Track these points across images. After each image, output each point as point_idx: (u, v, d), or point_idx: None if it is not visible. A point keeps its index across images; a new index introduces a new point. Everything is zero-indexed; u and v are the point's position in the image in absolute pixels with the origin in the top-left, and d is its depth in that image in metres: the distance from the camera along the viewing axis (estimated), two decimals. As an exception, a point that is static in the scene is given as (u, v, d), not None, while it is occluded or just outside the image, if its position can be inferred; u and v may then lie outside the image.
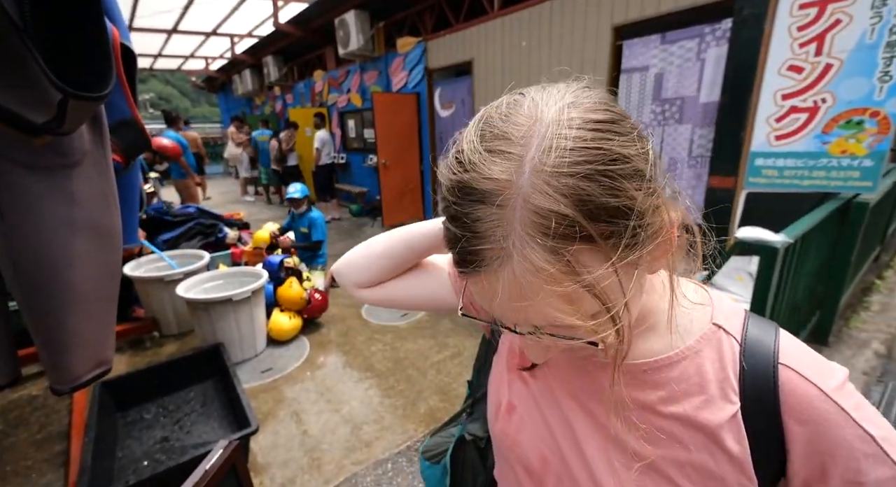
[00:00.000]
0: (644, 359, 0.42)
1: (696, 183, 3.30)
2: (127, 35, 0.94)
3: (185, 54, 10.78)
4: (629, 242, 0.30)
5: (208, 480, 0.91)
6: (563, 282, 0.29)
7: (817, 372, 0.37)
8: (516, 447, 0.51)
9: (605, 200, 0.28)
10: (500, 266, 0.30)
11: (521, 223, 0.29)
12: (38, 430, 2.21)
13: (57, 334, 0.78)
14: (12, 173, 0.71)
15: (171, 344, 3.08)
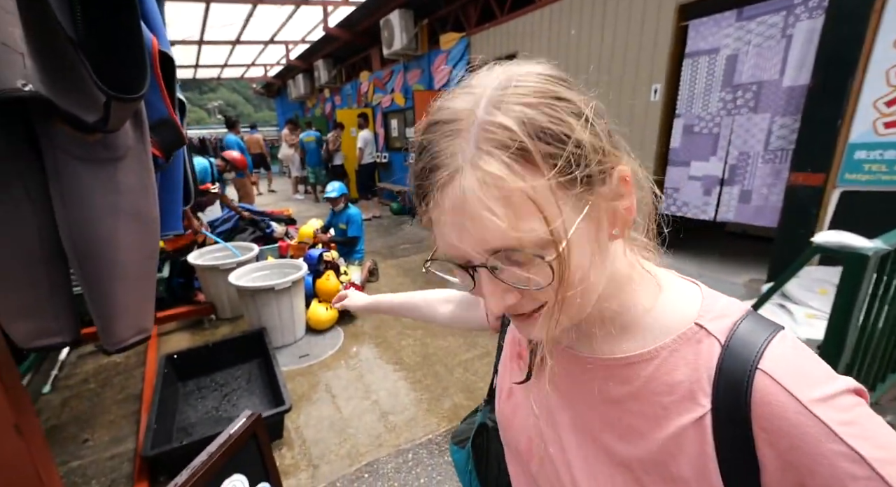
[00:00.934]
0: (618, 355, 0.42)
1: (773, 180, 2.82)
2: (166, 43, 1.09)
3: (247, 63, 11.62)
4: (568, 169, 0.32)
5: (232, 442, 1.04)
6: (505, 188, 0.31)
7: (799, 380, 0.34)
8: (510, 428, 0.55)
9: (546, 125, 0.32)
10: (452, 182, 0.32)
11: (473, 140, 0.32)
12: (119, 391, 2.57)
13: (105, 304, 0.93)
14: (70, 166, 0.86)
15: (225, 326, 3.39)
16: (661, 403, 0.39)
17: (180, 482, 0.89)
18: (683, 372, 0.38)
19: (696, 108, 3.15)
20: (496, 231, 0.32)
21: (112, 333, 0.95)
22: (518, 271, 0.34)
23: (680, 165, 3.35)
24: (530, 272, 0.34)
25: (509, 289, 0.35)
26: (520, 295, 0.36)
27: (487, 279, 0.35)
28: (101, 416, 2.35)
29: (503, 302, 0.36)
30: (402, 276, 4.39)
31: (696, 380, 0.37)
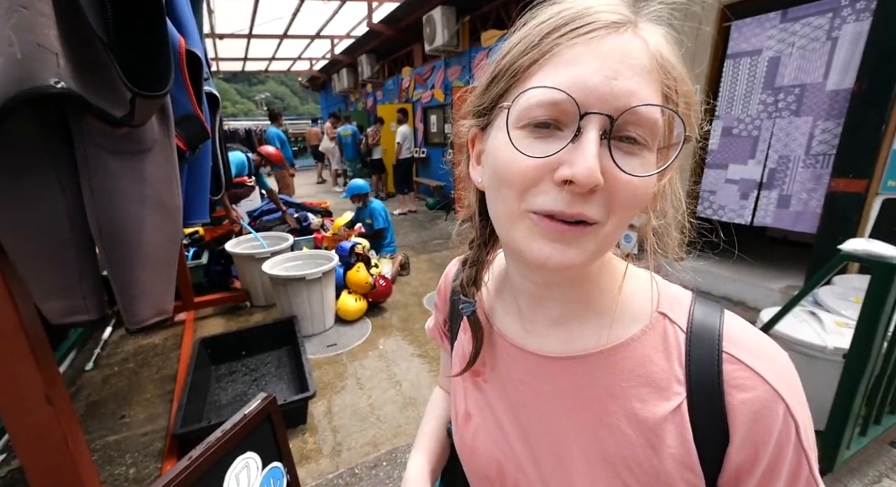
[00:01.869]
0: (591, 351, 0.41)
1: (813, 186, 2.80)
2: (195, 42, 1.14)
3: (294, 57, 12.00)
4: (684, 110, 0.36)
5: (246, 422, 1.07)
6: (674, 62, 0.34)
7: (761, 360, 0.36)
8: (474, 455, 0.51)
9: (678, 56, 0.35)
10: (620, 31, 0.32)
11: (647, 23, 0.34)
12: (156, 371, 2.70)
13: (129, 284, 0.99)
14: (99, 157, 0.93)
15: (258, 314, 3.53)
16: (638, 395, 0.39)
17: (195, 455, 0.93)
18: (656, 362, 0.39)
19: (737, 111, 3.13)
20: (646, 90, 0.32)
21: (134, 313, 1.01)
22: (621, 152, 0.33)
23: (717, 168, 3.34)
24: (632, 162, 0.33)
25: (604, 165, 0.31)
26: (603, 182, 0.31)
27: (596, 141, 0.31)
28: (138, 394, 2.48)
29: (595, 171, 0.30)
30: (432, 271, 4.42)
31: (669, 369, 0.38)
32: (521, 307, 0.47)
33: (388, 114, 8.15)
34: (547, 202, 0.33)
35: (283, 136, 7.28)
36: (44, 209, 0.90)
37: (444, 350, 0.68)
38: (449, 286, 0.62)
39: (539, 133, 0.33)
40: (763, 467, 0.35)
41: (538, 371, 0.45)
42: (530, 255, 0.35)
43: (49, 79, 0.75)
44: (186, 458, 0.91)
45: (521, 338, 0.47)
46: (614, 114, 0.31)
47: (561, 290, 0.43)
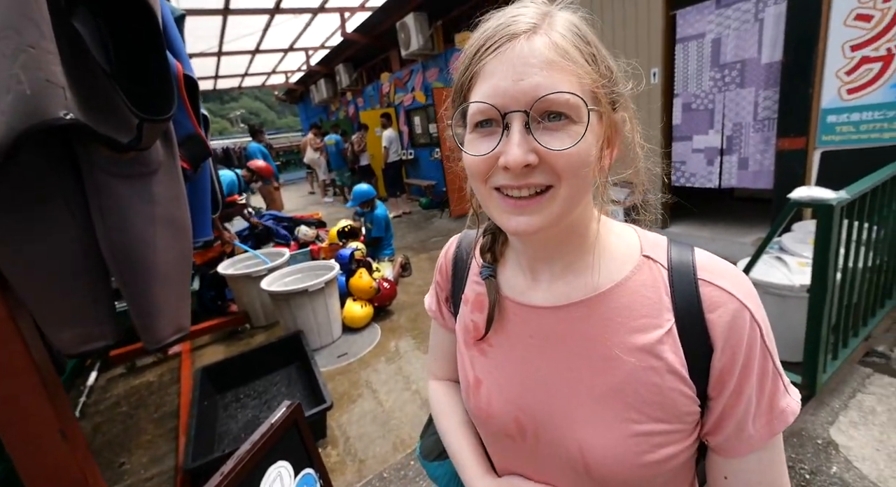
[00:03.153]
0: (590, 295, 0.47)
1: (764, 147, 3.14)
2: (189, 67, 1.18)
3: (268, 71, 11.90)
4: (603, 77, 0.42)
5: (273, 431, 1.09)
6: (570, 55, 0.40)
7: (728, 281, 0.44)
8: (491, 419, 0.54)
9: (593, 38, 0.43)
10: (521, 39, 0.39)
11: (547, 19, 0.41)
12: (154, 410, 2.56)
13: (146, 304, 1.00)
14: (108, 182, 0.94)
15: (260, 334, 3.45)
16: (635, 326, 0.45)
17: (226, 470, 0.93)
18: (647, 296, 0.46)
19: (692, 87, 3.49)
20: (550, 80, 0.38)
21: (153, 332, 1.03)
22: (547, 134, 0.39)
23: (683, 140, 3.67)
24: (557, 137, 0.39)
25: (533, 149, 0.39)
26: (537, 161, 0.39)
27: (520, 131, 0.39)
28: (137, 438, 2.34)
29: (525, 157, 0.39)
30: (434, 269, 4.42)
31: (658, 299, 0.45)
32: (524, 266, 0.53)
33: (371, 119, 8.16)
34: (500, 180, 0.42)
35: (266, 151, 7.24)
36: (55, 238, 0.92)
37: (439, 328, 0.70)
38: (450, 263, 0.65)
39: (483, 131, 0.43)
40: (739, 366, 0.42)
41: (546, 322, 0.50)
42: (507, 228, 0.44)
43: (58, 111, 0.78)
44: (219, 474, 0.91)
45: (527, 297, 0.52)
46: (527, 107, 0.39)
47: (554, 246, 0.49)
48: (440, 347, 0.71)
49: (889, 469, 1.56)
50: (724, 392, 0.43)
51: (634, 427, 0.44)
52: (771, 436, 0.44)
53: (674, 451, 0.44)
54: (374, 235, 4.21)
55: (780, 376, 0.44)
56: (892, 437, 1.68)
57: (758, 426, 0.43)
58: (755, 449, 0.44)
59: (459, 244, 0.66)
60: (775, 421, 0.43)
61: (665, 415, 0.43)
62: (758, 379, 0.43)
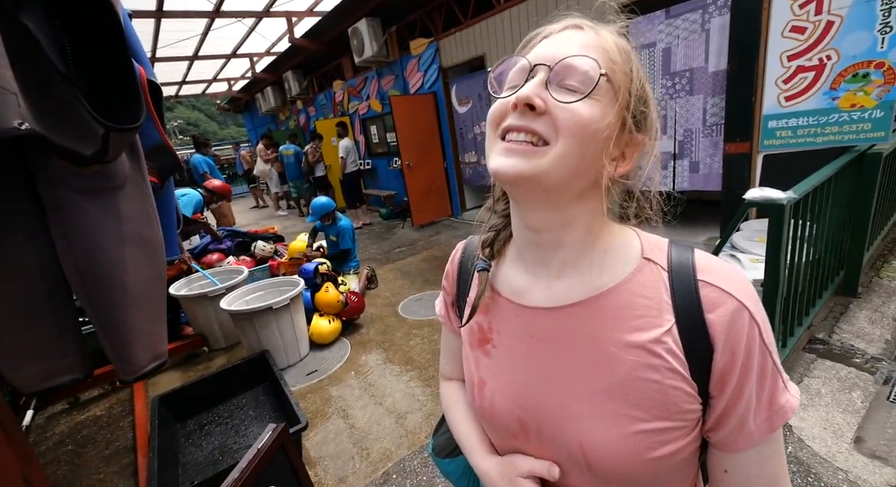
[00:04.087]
0: (586, 297, 0.49)
1: (713, 151, 3.34)
2: (151, 72, 1.07)
3: (208, 78, 11.29)
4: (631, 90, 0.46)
5: (261, 456, 1.01)
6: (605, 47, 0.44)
7: (727, 281, 0.45)
8: (495, 418, 0.55)
9: (632, 55, 0.47)
10: (570, 29, 0.47)
11: (590, 23, 0.47)
12: (105, 446, 2.35)
13: (120, 331, 0.90)
14: (70, 198, 0.84)
15: (220, 357, 3.24)
16: (635, 325, 0.46)
17: None
18: (647, 296, 0.47)
19: None
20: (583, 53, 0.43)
21: (129, 360, 0.92)
22: (561, 92, 0.43)
23: None
24: (566, 95, 0.43)
25: (542, 95, 0.43)
26: (543, 107, 0.43)
27: (539, 79, 0.44)
28: (87, 478, 2.15)
29: (534, 95, 0.42)
30: (401, 279, 4.37)
31: (658, 299, 0.46)
32: (527, 262, 0.54)
33: (326, 129, 7.97)
34: (508, 120, 0.45)
35: (212, 163, 6.84)
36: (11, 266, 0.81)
37: (448, 332, 0.72)
38: (455, 268, 0.68)
39: (513, 91, 0.46)
40: (740, 365, 0.43)
41: (546, 322, 0.51)
42: (492, 166, 0.46)
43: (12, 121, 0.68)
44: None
45: (527, 298, 0.53)
46: (552, 63, 0.44)
47: (556, 239, 0.50)
48: (449, 350, 0.73)
49: (836, 445, 1.70)
50: (726, 390, 0.44)
51: (636, 425, 0.45)
52: (771, 431, 0.45)
53: (675, 448, 0.45)
54: (342, 247, 4.08)
55: (780, 373, 0.45)
56: (836, 416, 1.83)
57: (758, 422, 0.44)
58: (756, 444, 0.45)
59: (465, 249, 0.68)
60: (775, 417, 0.45)
61: (666, 413, 0.44)
62: (758, 377, 0.44)
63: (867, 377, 2.04)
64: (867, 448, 1.68)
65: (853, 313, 2.54)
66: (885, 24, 1.99)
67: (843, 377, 2.05)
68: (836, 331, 2.39)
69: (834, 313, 2.55)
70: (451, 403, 0.71)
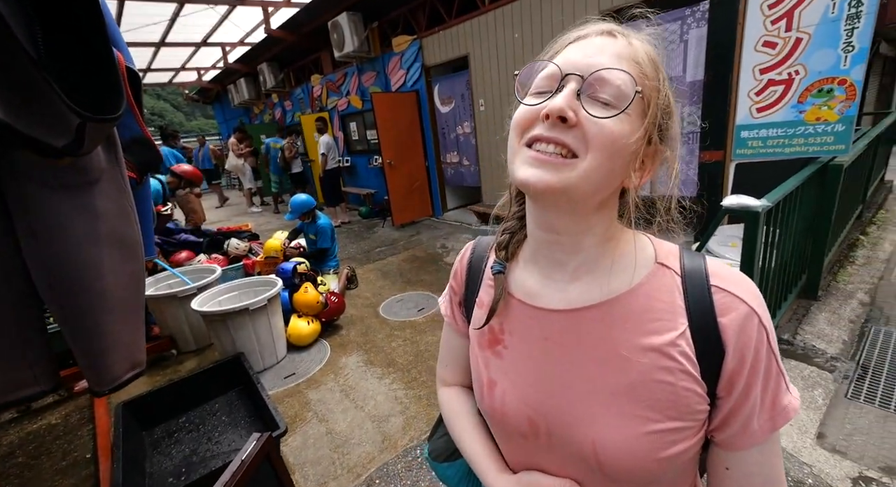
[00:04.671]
0: (602, 300, 0.50)
1: (689, 158, 3.45)
2: (130, 58, 1.00)
3: (176, 67, 10.73)
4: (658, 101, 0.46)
5: (245, 468, 0.97)
6: (637, 58, 0.45)
7: (738, 287, 0.47)
8: (505, 419, 0.55)
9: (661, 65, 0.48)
10: (604, 35, 0.47)
11: (623, 32, 0.47)
12: (62, 457, 2.21)
13: (94, 338, 0.84)
14: (39, 194, 0.78)
15: (190, 360, 3.11)
16: (650, 328, 0.47)
17: None
18: (662, 300, 0.48)
19: None
20: (620, 65, 0.43)
21: (104, 371, 0.86)
22: (592, 105, 0.43)
23: None
24: (598, 109, 0.43)
25: (574, 107, 0.43)
26: (575, 120, 0.43)
27: (570, 90, 0.44)
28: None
29: (564, 107, 0.42)
30: (381, 280, 4.32)
31: (672, 303, 0.48)
32: (542, 265, 0.55)
33: (311, 124, 7.71)
34: (536, 130, 0.45)
35: (180, 156, 6.53)
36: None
37: (452, 333, 0.71)
38: (465, 267, 0.67)
39: (540, 97, 0.46)
40: (748, 368, 0.45)
41: (561, 325, 0.52)
42: (520, 177, 0.46)
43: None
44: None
45: (541, 300, 0.54)
46: (585, 74, 0.44)
47: (573, 244, 0.51)
48: (451, 352, 0.72)
49: (801, 440, 1.79)
50: (734, 391, 0.46)
51: (650, 425, 0.46)
52: (773, 431, 0.47)
53: (684, 447, 0.46)
54: (320, 246, 3.99)
55: (783, 375, 0.47)
56: (800, 413, 1.93)
57: (761, 422, 0.46)
58: (758, 443, 0.47)
59: (475, 249, 0.68)
60: (777, 418, 0.46)
61: (678, 413, 0.46)
62: (763, 379, 0.46)
63: (827, 375, 2.16)
64: (828, 443, 1.77)
65: (814, 315, 2.68)
66: (848, 43, 2.11)
67: (806, 376, 2.16)
68: (800, 332, 2.51)
69: (797, 315, 2.69)
70: (455, 412, 0.69)
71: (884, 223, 4.28)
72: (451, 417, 0.70)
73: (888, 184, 5.55)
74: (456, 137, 5.89)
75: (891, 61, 8.41)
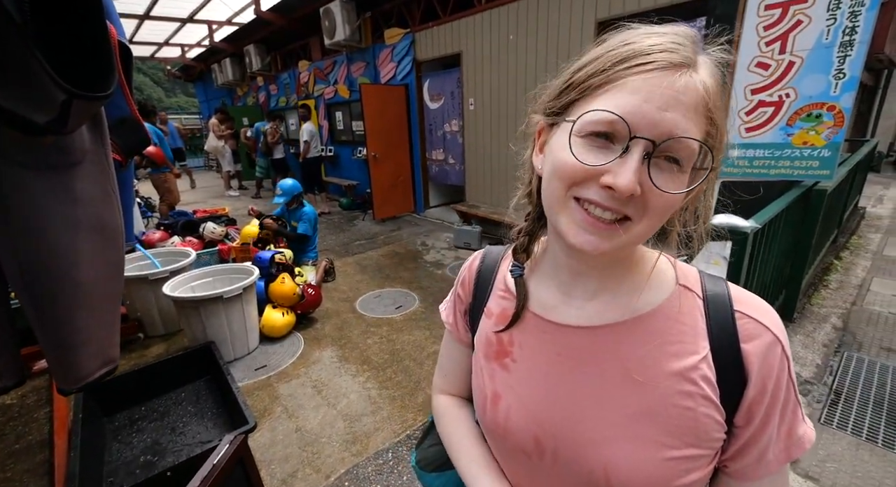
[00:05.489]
0: (623, 319, 0.49)
1: None
2: (123, 31, 0.94)
3: (159, 41, 10.36)
4: (714, 139, 0.42)
5: (217, 473, 0.93)
6: (717, 107, 0.40)
7: (763, 314, 0.46)
8: (508, 435, 0.53)
9: (725, 110, 0.43)
10: (680, 70, 0.39)
11: (706, 65, 0.41)
12: (15, 441, 2.11)
13: (65, 332, 0.78)
14: (15, 174, 0.71)
15: (157, 345, 3.00)
16: (671, 351, 0.46)
17: None
18: (684, 322, 0.47)
19: None
20: (687, 124, 0.39)
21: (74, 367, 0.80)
22: (658, 171, 0.40)
23: None
24: (665, 178, 0.40)
25: (640, 180, 0.39)
26: (639, 192, 0.39)
27: (639, 159, 0.39)
28: None
29: (632, 184, 0.39)
30: (359, 273, 4.25)
31: (694, 326, 0.46)
32: (562, 280, 0.53)
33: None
34: (591, 194, 0.41)
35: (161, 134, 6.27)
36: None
37: (453, 342, 0.68)
38: (473, 275, 0.65)
39: (596, 142, 0.41)
40: (769, 397, 0.44)
41: (578, 341, 0.50)
42: (573, 241, 0.43)
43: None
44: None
45: (557, 315, 0.52)
46: (657, 139, 0.39)
47: (599, 268, 0.50)
48: (451, 362, 0.70)
49: (781, 442, 1.84)
50: (753, 421, 0.45)
51: (668, 451, 0.44)
52: (787, 462, 0.46)
53: (699, 476, 0.45)
54: (300, 232, 3.88)
55: (799, 405, 0.47)
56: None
57: (776, 452, 0.46)
58: (771, 474, 0.46)
59: (484, 258, 0.66)
60: (793, 448, 0.46)
61: (696, 440, 0.44)
62: (782, 409, 0.45)
63: (801, 399, 2.21)
64: (801, 468, 1.81)
65: (789, 337, 2.74)
66: (840, 70, 2.16)
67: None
68: (773, 352, 2.59)
69: (772, 334, 2.77)
70: (450, 422, 0.67)
71: (857, 248, 4.46)
72: (446, 426, 0.67)
73: (861, 210, 5.78)
74: (443, 135, 5.85)
75: (869, 90, 8.81)
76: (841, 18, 2.11)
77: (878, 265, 4.04)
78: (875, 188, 7.67)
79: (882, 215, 5.87)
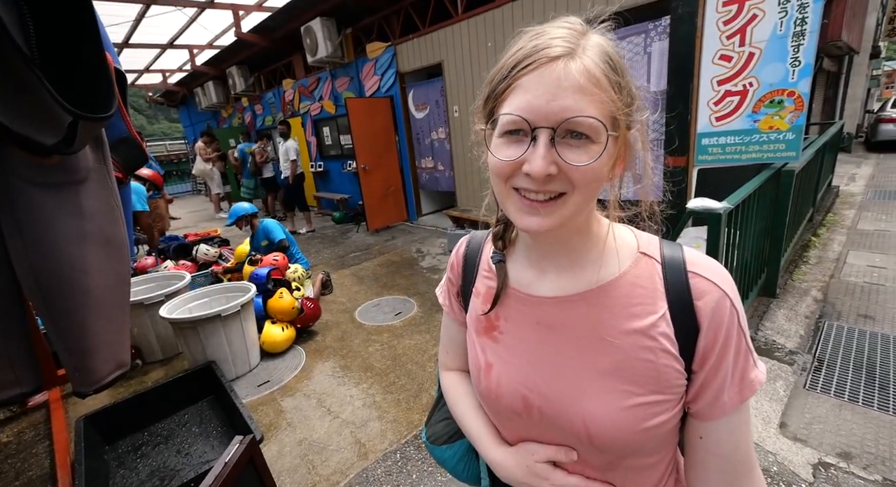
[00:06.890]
0: (590, 287, 0.55)
1: (654, 164, 3.60)
2: (117, 59, 1.02)
3: (139, 68, 10.41)
4: (624, 102, 0.48)
5: (229, 470, 0.96)
6: (600, 80, 0.45)
7: (713, 273, 0.52)
8: (500, 399, 0.59)
9: (623, 65, 0.49)
10: (558, 62, 0.45)
11: (582, 44, 0.46)
12: (14, 477, 2.09)
13: (80, 337, 0.83)
14: (26, 192, 0.77)
15: (156, 371, 3.00)
16: (634, 312, 0.52)
17: None
18: (644, 286, 0.53)
19: None
20: (578, 104, 0.44)
21: (89, 370, 0.85)
22: (568, 148, 0.45)
23: None
24: (576, 153, 0.45)
25: (554, 161, 0.45)
26: (557, 172, 0.45)
27: (545, 144, 0.45)
28: None
29: (548, 168, 0.45)
30: (357, 285, 4.28)
31: (653, 289, 0.52)
32: (533, 261, 0.59)
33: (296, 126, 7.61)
34: (521, 183, 0.48)
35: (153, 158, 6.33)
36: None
37: (451, 321, 0.75)
38: (461, 260, 0.72)
39: (512, 138, 0.48)
40: (720, 345, 0.50)
41: (552, 310, 0.56)
42: (520, 225, 0.50)
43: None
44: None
45: (534, 289, 0.58)
46: (554, 125, 0.45)
47: (559, 244, 0.56)
48: (451, 338, 0.76)
49: (765, 430, 1.91)
50: (706, 366, 0.51)
51: (633, 398, 0.51)
52: (741, 402, 0.52)
53: (666, 418, 0.51)
54: (276, 239, 3.94)
55: (751, 352, 0.52)
56: (764, 405, 2.04)
57: (731, 394, 0.51)
58: (727, 413, 0.51)
59: (469, 243, 0.73)
60: (745, 390, 0.51)
61: (659, 387, 0.51)
62: (734, 355, 0.51)
63: (787, 368, 2.30)
64: (790, 431, 1.89)
65: (773, 312, 2.86)
66: (795, 58, 2.31)
67: (768, 369, 2.30)
68: (761, 328, 2.67)
69: (758, 312, 2.86)
70: (457, 394, 0.74)
71: (832, 225, 4.63)
72: (454, 399, 0.74)
73: (835, 189, 6.02)
74: (431, 143, 5.94)
75: (833, 76, 9.11)
76: (791, 10, 2.27)
77: (853, 239, 4.20)
78: (848, 167, 8.01)
79: (855, 192, 6.09)
